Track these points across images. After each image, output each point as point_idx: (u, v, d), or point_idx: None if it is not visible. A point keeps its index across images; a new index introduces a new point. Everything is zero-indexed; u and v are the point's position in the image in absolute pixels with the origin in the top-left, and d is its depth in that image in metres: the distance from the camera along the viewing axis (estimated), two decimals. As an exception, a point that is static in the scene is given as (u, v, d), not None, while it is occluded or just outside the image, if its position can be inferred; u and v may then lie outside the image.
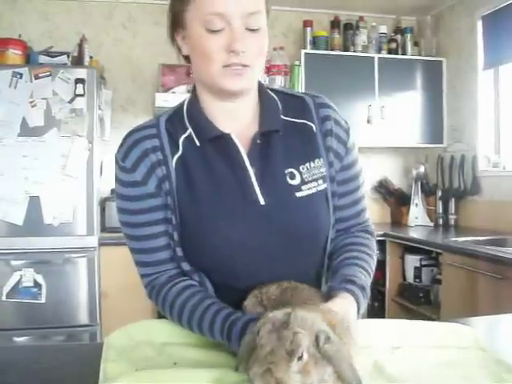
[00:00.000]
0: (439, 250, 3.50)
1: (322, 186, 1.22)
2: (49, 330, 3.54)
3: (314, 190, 1.21)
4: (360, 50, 4.46)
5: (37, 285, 3.55)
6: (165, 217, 1.20)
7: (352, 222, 1.30)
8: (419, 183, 4.55)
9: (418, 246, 3.72)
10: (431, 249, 3.64)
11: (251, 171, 1.18)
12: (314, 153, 1.23)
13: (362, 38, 4.47)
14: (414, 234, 4.00)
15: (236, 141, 1.19)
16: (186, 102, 1.25)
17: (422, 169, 4.56)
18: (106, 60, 4.21)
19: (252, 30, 1.11)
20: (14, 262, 3.51)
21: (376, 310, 4.04)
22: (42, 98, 3.51)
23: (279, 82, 4.22)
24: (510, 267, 2.80)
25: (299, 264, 1.21)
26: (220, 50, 1.10)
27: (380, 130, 4.39)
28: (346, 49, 4.50)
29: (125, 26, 4.39)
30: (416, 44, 4.66)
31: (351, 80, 4.32)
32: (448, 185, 4.42)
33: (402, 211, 4.60)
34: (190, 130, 1.20)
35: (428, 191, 4.58)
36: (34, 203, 3.52)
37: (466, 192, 4.25)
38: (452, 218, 4.35)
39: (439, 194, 4.46)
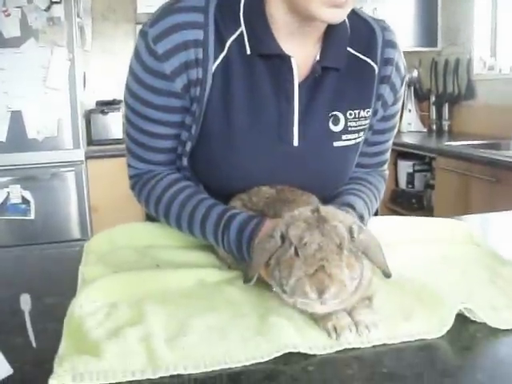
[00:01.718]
0: (433, 155, 3.45)
1: (360, 139, 1.12)
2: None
3: (352, 142, 1.11)
4: None
5: (25, 201, 3.51)
6: (181, 120, 1.06)
7: (371, 169, 1.22)
8: (412, 88, 4.43)
9: (410, 151, 3.67)
10: (424, 154, 3.59)
11: (296, 106, 1.04)
12: (367, 101, 1.10)
13: None
14: (407, 139, 3.93)
15: (294, 67, 1.02)
16: None
17: (415, 73, 4.43)
18: (82, -36, 3.98)
19: None
20: (-1, 179, 3.45)
21: (368, 217, 4.04)
22: (16, 7, 3.34)
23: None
24: (504, 170, 2.77)
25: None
26: None
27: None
28: None
29: None
30: None
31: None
32: (442, 89, 4.31)
33: (395, 118, 4.51)
34: (242, 30, 1.01)
35: (421, 96, 4.48)
36: (16, 118, 3.43)
37: (460, 96, 4.15)
38: (446, 124, 4.27)
39: (433, 99, 4.36)
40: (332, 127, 1.08)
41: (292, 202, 0.95)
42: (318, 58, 1.05)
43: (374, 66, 1.10)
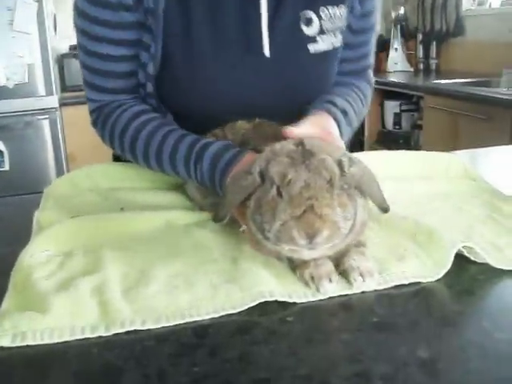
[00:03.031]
0: (420, 94, 3.33)
1: (338, 43, 1.04)
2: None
3: (329, 47, 1.01)
4: None
5: (-2, 152, 3.37)
6: (137, 38, 0.96)
7: (356, 75, 1.12)
8: (398, 26, 4.28)
9: (397, 90, 3.55)
10: (411, 92, 3.48)
11: (265, 10, 0.94)
12: None
13: None
14: (394, 78, 3.80)
15: None
16: None
17: (401, 11, 4.27)
18: None
19: None
20: (-31, 129, 3.30)
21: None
22: None
23: None
24: (494, 107, 2.68)
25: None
26: None
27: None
28: None
29: None
30: None
31: None
32: (429, 27, 4.16)
33: (380, 57, 4.36)
34: None
35: (408, 35, 4.33)
36: (-16, 64, 3.24)
37: (448, 34, 4.00)
38: (433, 62, 4.13)
39: (420, 37, 4.21)
40: (305, 29, 0.99)
41: (271, 138, 0.84)
42: None
43: None
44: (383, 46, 4.31)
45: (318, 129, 0.81)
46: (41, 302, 0.63)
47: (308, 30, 0.98)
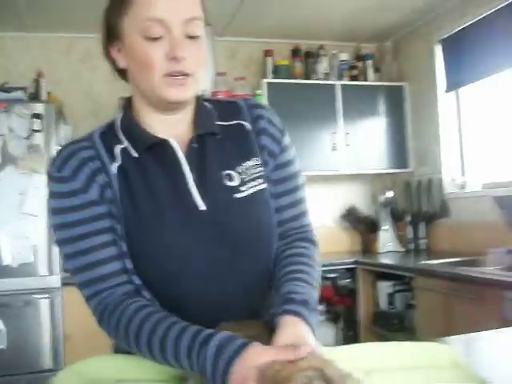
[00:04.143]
0: (411, 274, 3.43)
1: (263, 186, 1.19)
2: (10, 378, 3.36)
3: (254, 190, 1.17)
4: (322, 77, 4.44)
5: (-4, 329, 3.38)
6: (111, 225, 1.11)
7: (290, 225, 1.24)
8: (388, 209, 4.51)
9: (389, 271, 3.66)
10: (403, 273, 3.58)
11: (189, 176, 1.13)
12: (250, 152, 1.20)
13: (323, 66, 4.47)
14: (385, 260, 3.94)
15: (174, 145, 1.14)
16: (118, 118, 1.20)
17: (389, 194, 4.53)
18: (65, 96, 4.13)
19: (192, 38, 1.09)
20: (-30, 307, 3.34)
21: (350, 339, 3.96)
22: (-2, 135, 3.40)
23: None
24: (483, 287, 2.76)
25: (249, 271, 1.16)
26: (161, 57, 1.06)
27: (345, 156, 4.37)
28: (307, 77, 4.48)
29: (83, 60, 4.32)
30: (377, 70, 4.68)
31: (314, 108, 4.30)
32: (417, 209, 4.40)
33: (371, 238, 4.55)
34: (125, 142, 1.15)
35: (397, 216, 4.55)
36: (-9, 244, 3.37)
37: (435, 215, 4.22)
38: (423, 242, 4.30)
39: (408, 218, 4.43)
40: (228, 183, 1.15)
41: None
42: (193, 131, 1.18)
43: (246, 123, 1.21)
44: (373, 227, 4.51)
45: (295, 337, 0.95)
46: None
47: (231, 183, 1.15)
